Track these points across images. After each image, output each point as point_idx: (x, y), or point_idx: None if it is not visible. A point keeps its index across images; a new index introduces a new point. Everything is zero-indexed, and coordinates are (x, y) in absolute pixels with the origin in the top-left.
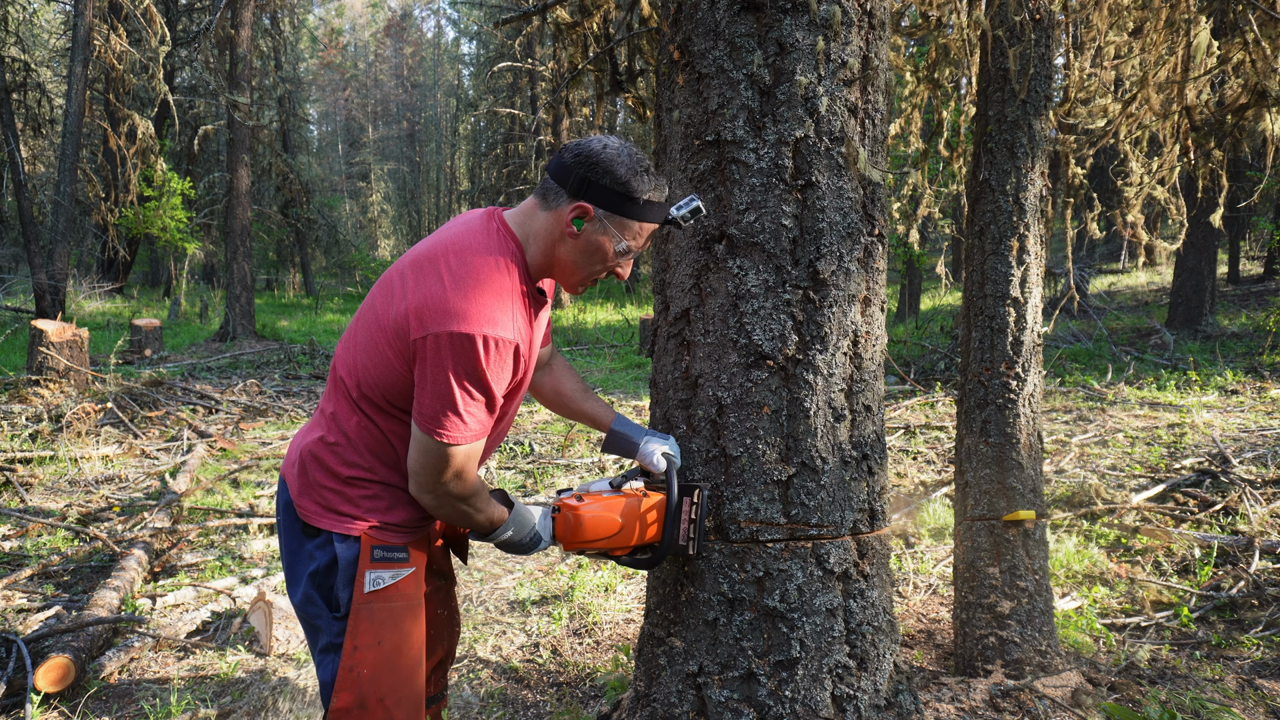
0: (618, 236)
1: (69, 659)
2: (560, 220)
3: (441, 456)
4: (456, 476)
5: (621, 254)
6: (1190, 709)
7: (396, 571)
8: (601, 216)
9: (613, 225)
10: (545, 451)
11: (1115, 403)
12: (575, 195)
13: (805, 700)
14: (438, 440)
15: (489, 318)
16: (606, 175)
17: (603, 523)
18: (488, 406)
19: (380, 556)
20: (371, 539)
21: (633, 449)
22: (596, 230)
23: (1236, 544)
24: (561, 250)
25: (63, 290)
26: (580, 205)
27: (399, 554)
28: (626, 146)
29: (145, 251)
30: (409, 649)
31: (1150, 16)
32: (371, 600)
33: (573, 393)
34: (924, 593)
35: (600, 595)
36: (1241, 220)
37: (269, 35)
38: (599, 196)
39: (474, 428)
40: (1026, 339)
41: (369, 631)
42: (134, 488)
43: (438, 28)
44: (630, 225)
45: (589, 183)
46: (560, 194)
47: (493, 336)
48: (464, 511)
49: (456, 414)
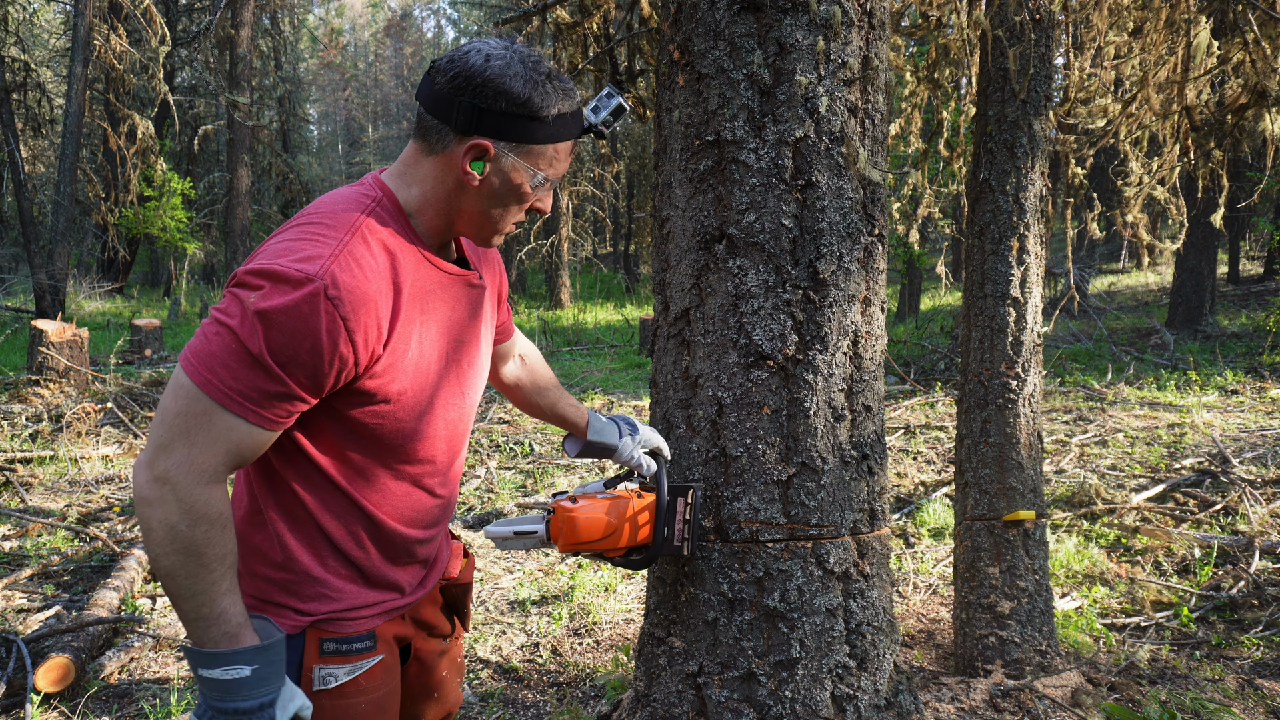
0: (530, 169)
1: (69, 659)
2: (453, 166)
3: (172, 393)
4: (190, 452)
5: (539, 187)
6: (1190, 709)
7: (355, 665)
8: (506, 150)
9: (522, 157)
10: (545, 451)
11: (1115, 403)
12: (465, 131)
13: (805, 700)
14: (194, 383)
15: (284, 250)
16: (501, 97)
17: (595, 524)
18: (279, 371)
19: (333, 650)
20: (319, 633)
21: (611, 452)
22: (504, 168)
23: (1236, 544)
24: (463, 201)
25: (63, 290)
26: (475, 143)
27: (360, 644)
28: (514, 49)
29: (145, 251)
30: None
31: (1150, 16)
32: (321, 699)
33: (551, 389)
34: (924, 593)
35: (600, 595)
36: (1241, 220)
37: (269, 35)
38: (497, 127)
39: (250, 394)
40: (1026, 339)
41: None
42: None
43: (438, 28)
44: (543, 151)
45: (480, 111)
46: (445, 132)
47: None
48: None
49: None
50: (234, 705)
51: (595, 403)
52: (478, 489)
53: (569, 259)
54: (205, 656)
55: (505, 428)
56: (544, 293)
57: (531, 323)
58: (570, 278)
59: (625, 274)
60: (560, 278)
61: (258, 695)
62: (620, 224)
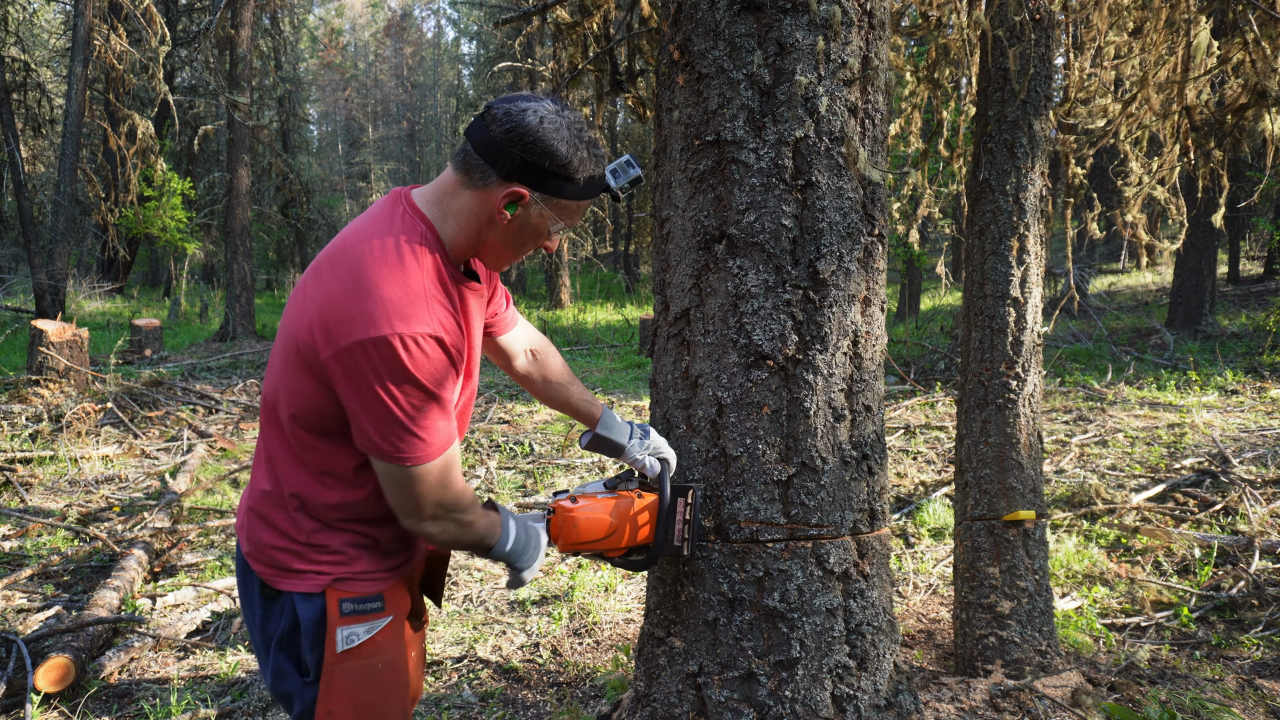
0: (554, 219)
1: (69, 659)
2: (489, 203)
3: (415, 480)
4: (442, 493)
5: (556, 233)
6: (1190, 709)
7: (372, 624)
8: (538, 200)
9: (550, 208)
10: (545, 451)
11: (1115, 403)
12: (508, 178)
13: (805, 700)
14: (402, 466)
15: (398, 313)
16: (546, 157)
17: (596, 524)
18: (439, 410)
19: (351, 610)
20: (338, 593)
21: (618, 451)
22: (533, 215)
23: (1236, 544)
24: (490, 234)
25: (63, 290)
26: (515, 190)
27: (372, 604)
28: (565, 114)
29: (145, 251)
30: (391, 710)
31: (1150, 16)
32: (345, 660)
33: (562, 383)
34: (924, 593)
35: (600, 595)
36: (1241, 220)
37: (269, 35)
38: (537, 180)
39: (436, 439)
40: (1026, 339)
41: (344, 695)
42: (134, 488)
43: (438, 28)
44: (569, 206)
45: (526, 165)
46: (489, 173)
47: (409, 334)
48: (467, 526)
49: (407, 430)
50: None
51: None
52: (477, 489)
53: (569, 259)
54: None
55: (505, 428)
56: (544, 293)
57: (532, 323)
58: (570, 278)
59: (625, 274)
60: (560, 278)
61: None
62: (620, 224)
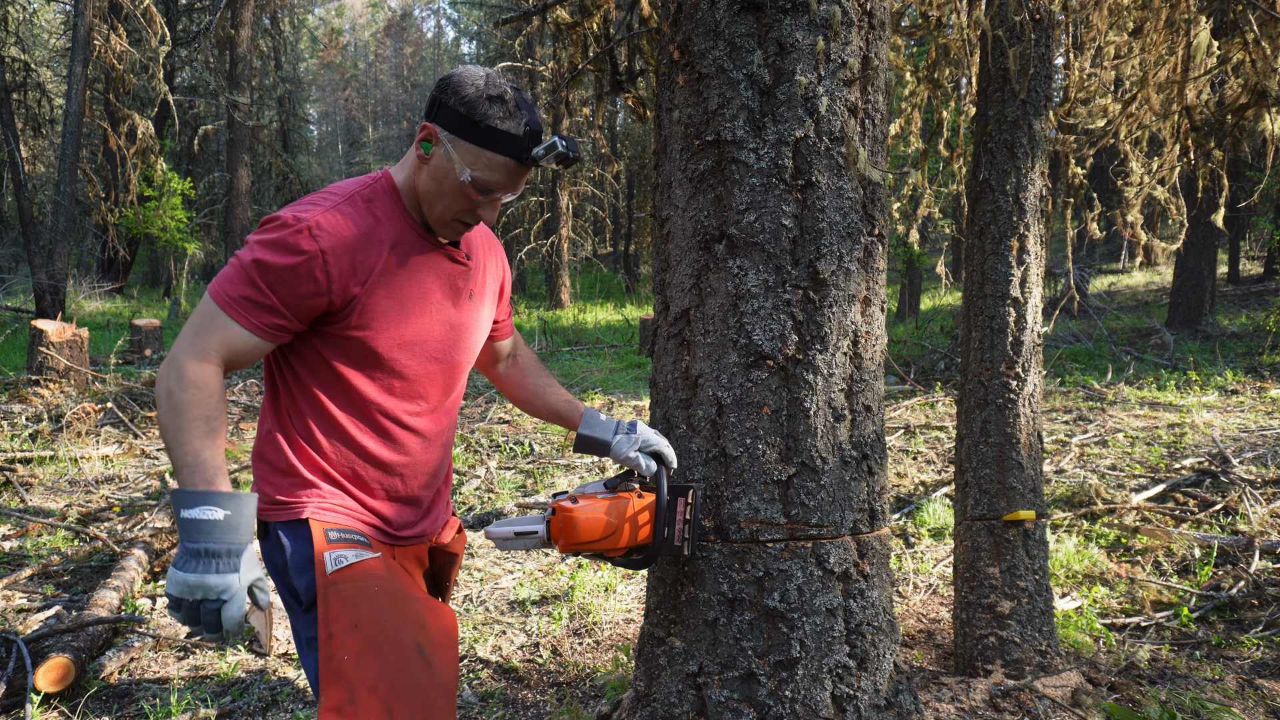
0: (460, 164)
1: (69, 659)
2: (415, 145)
3: (200, 308)
4: (193, 338)
5: (477, 188)
6: (1190, 709)
7: (360, 553)
8: (445, 139)
9: (457, 151)
10: (545, 451)
11: (1115, 403)
12: (427, 116)
13: (805, 700)
14: (208, 295)
15: (305, 206)
16: (453, 94)
17: (595, 524)
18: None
19: (337, 538)
20: (321, 522)
21: (604, 449)
22: (442, 156)
23: (1236, 544)
24: (419, 179)
25: (63, 290)
26: (426, 126)
27: (358, 536)
28: (491, 73)
29: (145, 251)
30: (396, 631)
31: (1150, 16)
32: (337, 581)
33: (541, 387)
34: (924, 593)
35: (600, 595)
36: (1241, 220)
37: (269, 35)
38: (443, 116)
39: (243, 303)
40: (1026, 339)
41: (342, 615)
42: (134, 487)
43: (438, 28)
44: (476, 153)
45: (437, 103)
46: (421, 120)
47: (304, 216)
48: (172, 398)
49: (234, 276)
50: (205, 545)
51: (595, 402)
52: (478, 489)
53: (569, 259)
54: (186, 496)
55: (505, 428)
56: (544, 293)
57: (531, 323)
58: (570, 278)
59: (625, 274)
60: (560, 278)
61: (227, 541)
62: (620, 224)
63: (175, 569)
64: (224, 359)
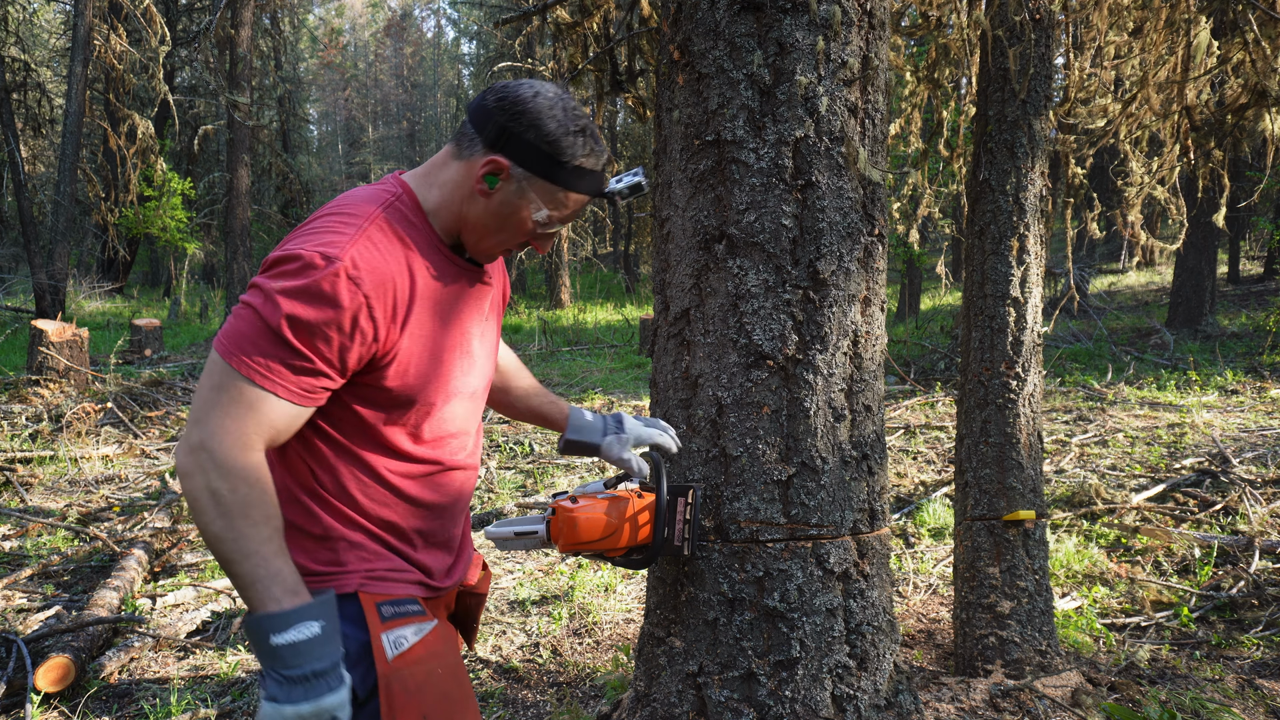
0: (537, 204)
1: (69, 659)
2: (471, 173)
3: (215, 376)
4: (225, 418)
5: (541, 225)
6: (1190, 709)
7: (419, 626)
8: (520, 177)
9: (533, 190)
10: (545, 451)
11: (1115, 403)
12: (491, 147)
13: (805, 700)
14: (220, 357)
15: (314, 236)
16: (531, 129)
17: (595, 524)
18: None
19: (391, 613)
20: (371, 595)
21: (594, 451)
22: (513, 193)
23: (1236, 544)
24: (471, 210)
25: (63, 290)
26: (494, 159)
27: (412, 605)
28: (564, 98)
29: (145, 251)
30: (464, 715)
31: (1150, 16)
32: (399, 669)
33: (526, 389)
34: (924, 593)
35: (600, 595)
36: (1241, 220)
37: (269, 35)
38: (519, 152)
39: (277, 368)
40: (1026, 339)
41: (408, 707)
42: (134, 488)
43: (438, 28)
44: (555, 193)
45: (509, 134)
46: (475, 142)
47: (335, 255)
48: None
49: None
50: (311, 669)
51: (595, 402)
52: (478, 489)
53: (569, 259)
54: (275, 619)
55: (505, 428)
56: (544, 293)
57: (531, 323)
58: (570, 278)
59: (625, 274)
60: (560, 278)
61: (329, 655)
62: (620, 224)
63: (279, 705)
64: (268, 440)
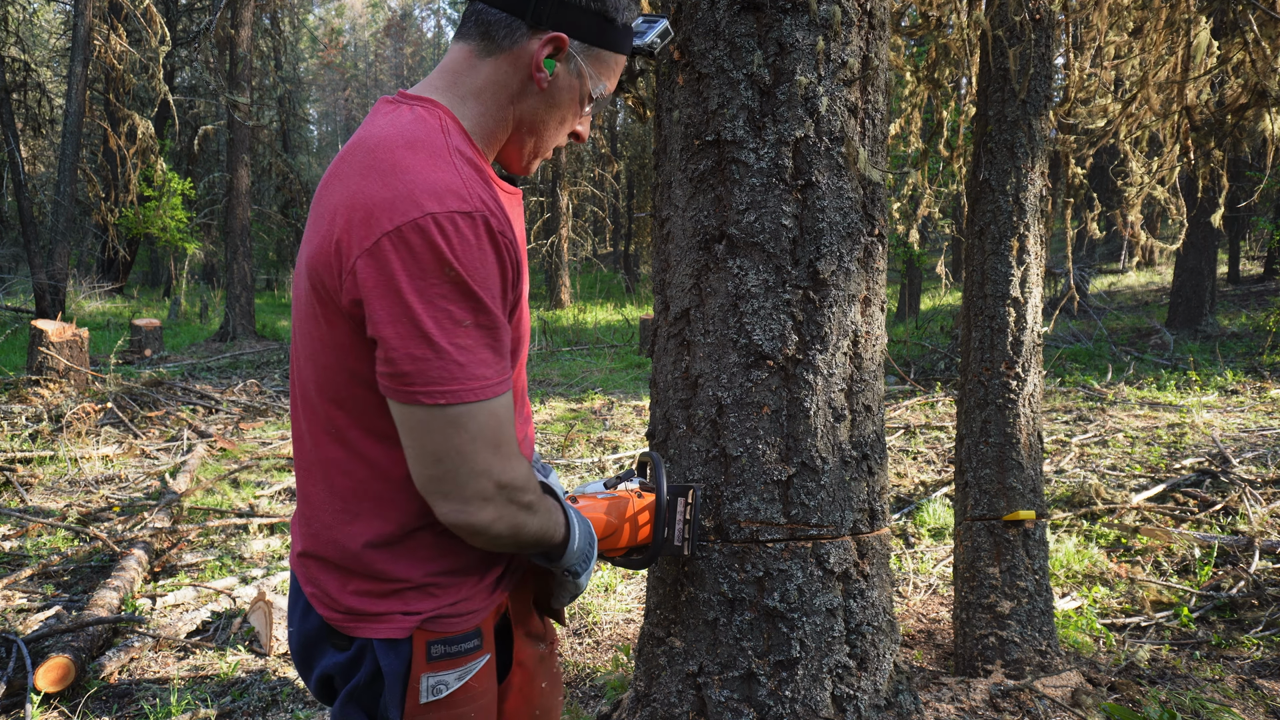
0: (594, 78)
1: (69, 659)
2: (521, 64)
3: (454, 429)
4: (495, 456)
5: (595, 103)
6: (1190, 709)
7: (465, 669)
8: (578, 51)
9: (589, 63)
10: (545, 451)
11: (1115, 403)
12: (539, 25)
13: (805, 700)
14: (434, 406)
15: (430, 191)
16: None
17: (595, 524)
18: (487, 330)
19: (441, 654)
20: (427, 634)
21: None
22: (571, 73)
23: (1236, 544)
24: (524, 108)
25: (63, 290)
26: (555, 36)
27: (469, 643)
28: None
29: (145, 251)
30: None
31: (1150, 16)
32: (430, 712)
33: None
34: (924, 593)
35: (600, 595)
36: (1241, 220)
37: (269, 35)
38: (576, 22)
39: (484, 369)
40: (1026, 339)
41: None
42: (134, 488)
43: (438, 28)
44: (609, 60)
45: (563, 4)
46: (515, 26)
47: (444, 212)
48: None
49: (444, 351)
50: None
51: (595, 402)
52: None
53: (569, 259)
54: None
55: None
56: (544, 292)
57: (531, 322)
58: (570, 278)
59: (625, 274)
60: (560, 278)
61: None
62: (620, 224)
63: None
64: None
